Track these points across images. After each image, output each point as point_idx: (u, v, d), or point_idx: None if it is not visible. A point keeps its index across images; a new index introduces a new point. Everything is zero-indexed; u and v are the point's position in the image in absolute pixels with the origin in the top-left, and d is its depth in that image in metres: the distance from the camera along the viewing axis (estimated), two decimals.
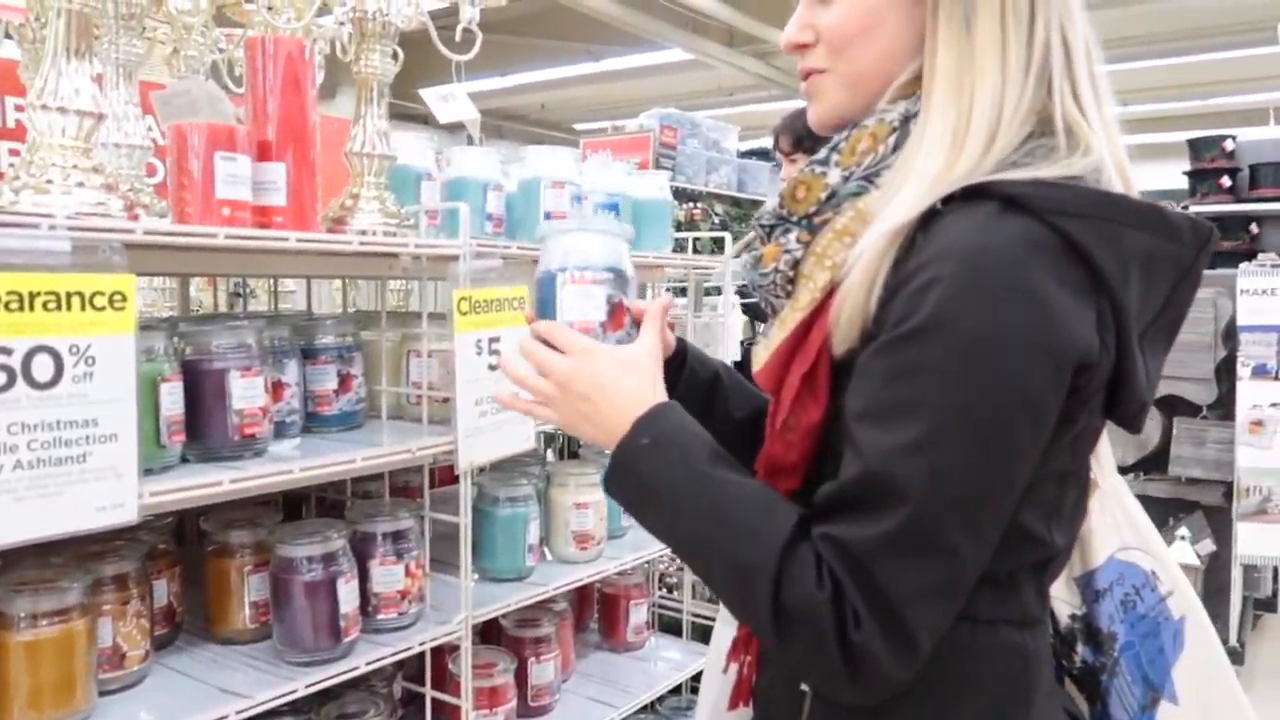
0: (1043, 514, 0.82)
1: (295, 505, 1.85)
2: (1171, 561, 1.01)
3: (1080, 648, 1.02)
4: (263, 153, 1.43)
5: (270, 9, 1.50)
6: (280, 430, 1.53)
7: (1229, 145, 5.56)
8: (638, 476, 0.87)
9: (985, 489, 0.73)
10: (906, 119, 0.84)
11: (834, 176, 0.87)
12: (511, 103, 12.59)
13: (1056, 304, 0.72)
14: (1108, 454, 1.01)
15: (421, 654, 1.64)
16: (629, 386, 0.90)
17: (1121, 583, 1.00)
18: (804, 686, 0.88)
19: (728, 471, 0.84)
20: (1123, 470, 3.80)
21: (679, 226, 4.72)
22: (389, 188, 1.59)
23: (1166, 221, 0.78)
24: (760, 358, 0.92)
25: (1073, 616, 1.03)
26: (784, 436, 0.87)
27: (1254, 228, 5.57)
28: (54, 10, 1.19)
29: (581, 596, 2.18)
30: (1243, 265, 3.67)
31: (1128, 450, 3.81)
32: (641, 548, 2.11)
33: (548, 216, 1.79)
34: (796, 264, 0.88)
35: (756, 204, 5.70)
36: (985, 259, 0.72)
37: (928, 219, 0.77)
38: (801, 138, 2.66)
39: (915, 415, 0.73)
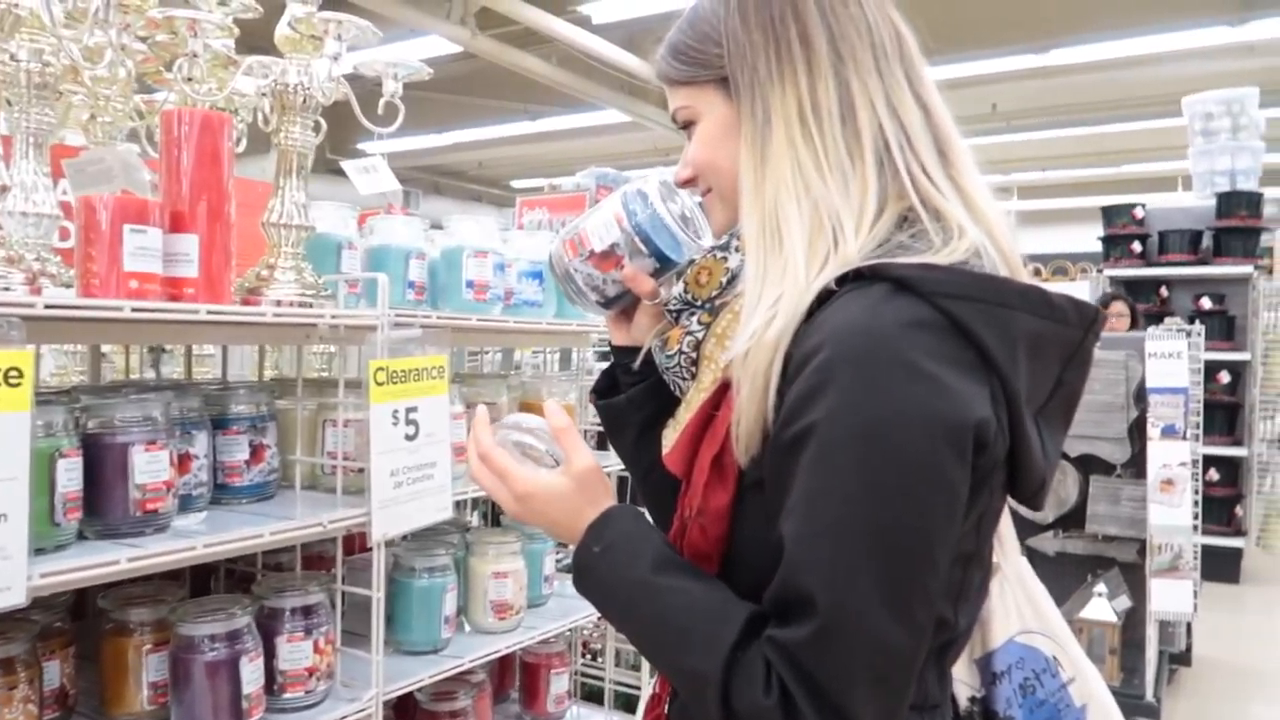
0: (948, 596, 0.81)
1: (204, 578, 1.79)
2: (1075, 647, 1.01)
3: None
4: (176, 224, 1.42)
5: (189, 80, 1.49)
6: (186, 504, 1.49)
7: (1139, 213, 5.81)
8: (594, 582, 0.89)
9: (903, 572, 0.73)
10: None
11: (734, 261, 0.93)
12: (449, 160, 12.67)
13: (947, 381, 0.73)
14: (1010, 535, 1.02)
15: None
16: (567, 508, 0.92)
17: (1021, 666, 1.00)
18: None
19: (677, 575, 0.84)
20: (1043, 527, 3.88)
21: None
22: (306, 258, 1.58)
23: (1051, 305, 0.80)
24: (669, 440, 0.93)
25: (971, 699, 1.03)
26: (698, 521, 0.87)
27: (1164, 291, 5.81)
28: None
29: (502, 665, 2.14)
30: (1150, 329, 3.81)
31: (1048, 507, 3.90)
32: (564, 616, 2.09)
33: (470, 285, 1.79)
34: (699, 345, 0.90)
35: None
36: (874, 340, 0.73)
37: (821, 300, 0.79)
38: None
39: (823, 508, 0.74)
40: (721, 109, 0.91)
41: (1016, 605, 1.01)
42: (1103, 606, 3.56)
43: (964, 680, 1.02)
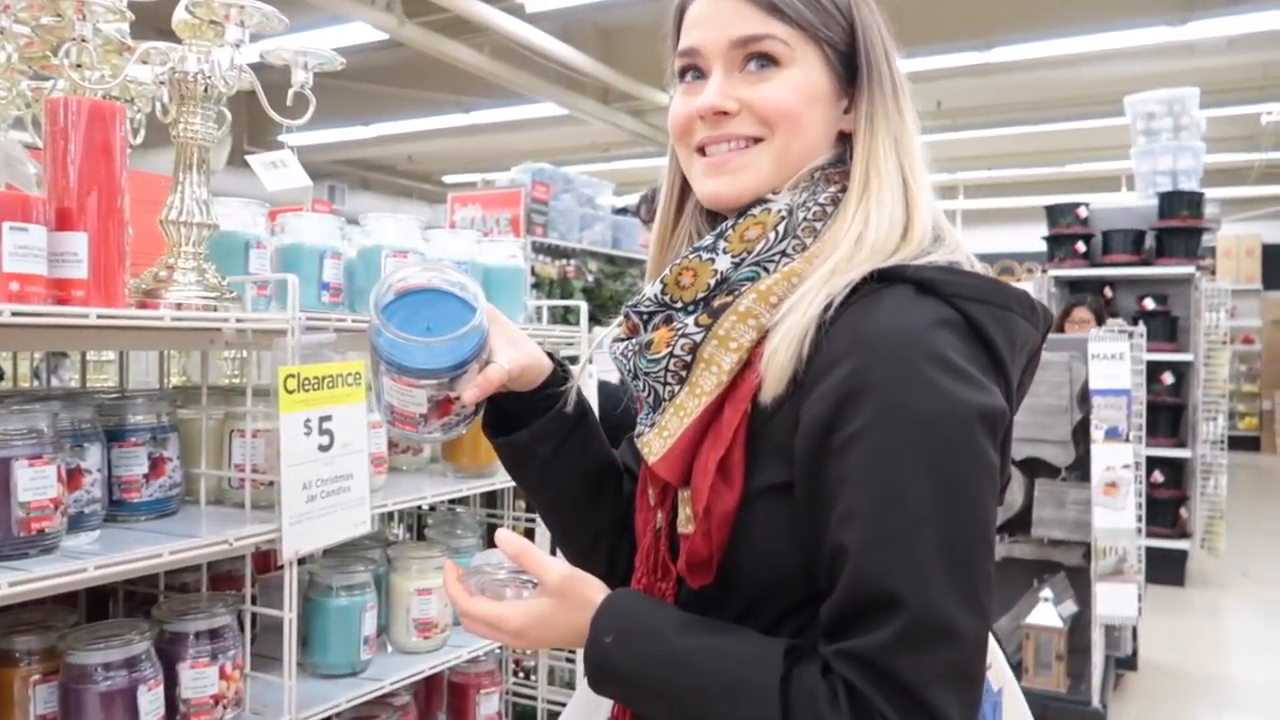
0: None
1: (103, 600, 1.68)
2: (999, 660, 1.00)
3: None
4: (63, 221, 1.31)
5: (79, 66, 1.39)
6: (77, 522, 1.39)
7: (1083, 212, 5.85)
8: (617, 675, 0.85)
9: (972, 561, 0.75)
10: (792, 210, 0.89)
11: (723, 263, 0.89)
12: (378, 153, 12.40)
13: (977, 376, 0.77)
14: None
15: None
16: (563, 620, 0.88)
17: None
18: None
19: (701, 636, 0.82)
20: None
21: (551, 285, 4.68)
22: (210, 258, 1.48)
23: (1034, 309, 0.85)
24: (656, 447, 0.88)
25: None
26: (702, 526, 0.85)
27: (1108, 291, 5.86)
28: None
29: (429, 687, 2.05)
30: (1093, 330, 3.81)
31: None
32: None
33: None
34: (695, 348, 0.86)
35: (632, 261, 5.71)
36: (908, 340, 0.76)
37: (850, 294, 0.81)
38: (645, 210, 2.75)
39: (893, 509, 0.75)
40: (820, 73, 0.91)
41: None
42: (1049, 612, 3.55)
43: None
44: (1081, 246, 5.79)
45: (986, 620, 0.76)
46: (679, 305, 0.90)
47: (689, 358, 0.87)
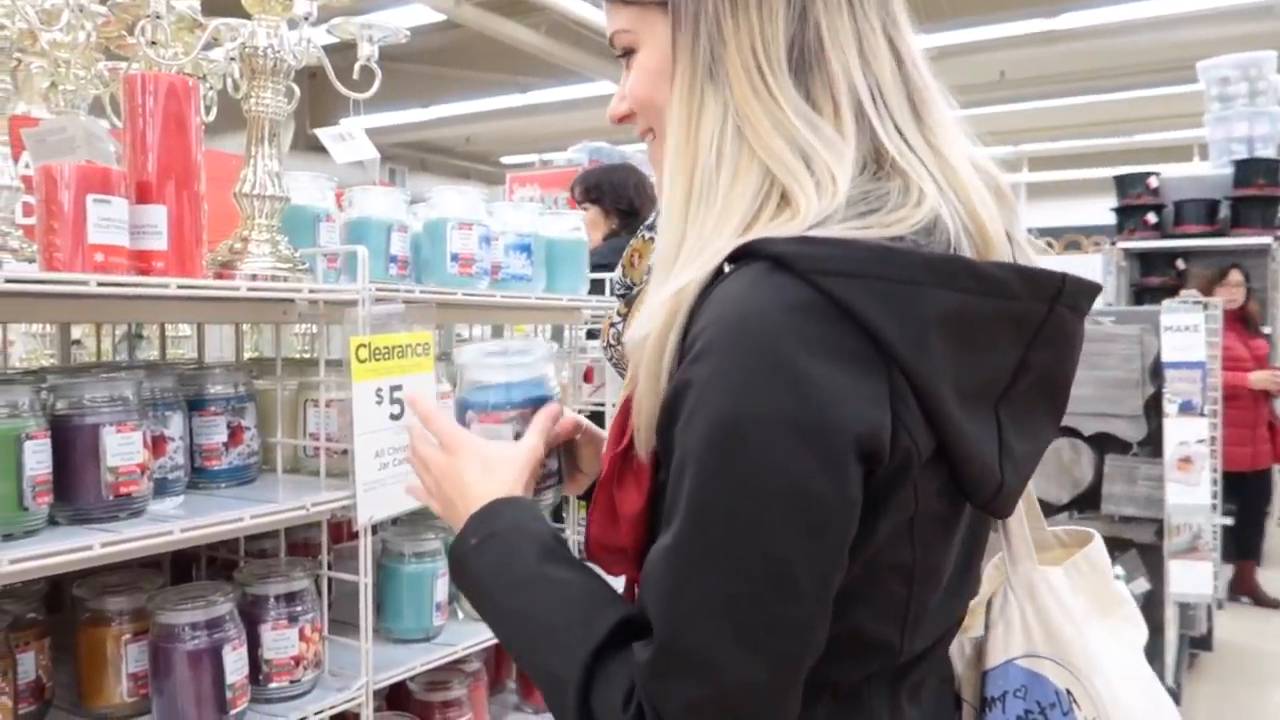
0: (887, 615, 0.73)
1: (185, 566, 1.74)
2: (1103, 682, 0.82)
3: None
4: (142, 194, 1.35)
5: (154, 44, 1.42)
6: (162, 488, 1.44)
7: (1153, 182, 5.69)
8: (468, 577, 0.83)
9: (753, 597, 0.64)
10: None
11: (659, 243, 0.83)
12: (436, 135, 12.48)
13: (819, 378, 0.63)
14: (1021, 540, 0.88)
15: None
16: (483, 490, 0.86)
17: (1023, 695, 0.84)
18: None
19: (554, 570, 0.78)
20: (1057, 509, 3.80)
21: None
22: (282, 230, 1.51)
23: (978, 276, 0.68)
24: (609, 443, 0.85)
25: None
26: (621, 526, 0.80)
27: (1180, 263, 5.70)
28: None
29: (499, 654, 2.08)
30: (1165, 302, 3.71)
31: (1061, 488, 3.82)
32: None
33: (454, 259, 1.72)
34: (620, 337, 0.83)
35: None
36: (740, 330, 0.65)
37: (714, 279, 0.70)
38: (589, 188, 2.83)
39: (674, 522, 0.67)
40: (665, 39, 0.79)
41: (1023, 622, 0.85)
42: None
43: (969, 702, 0.89)
44: (1152, 218, 5.64)
45: (779, 665, 0.66)
46: (634, 287, 0.87)
47: (621, 346, 0.84)
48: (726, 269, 0.70)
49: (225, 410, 1.55)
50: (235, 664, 1.43)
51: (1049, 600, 0.85)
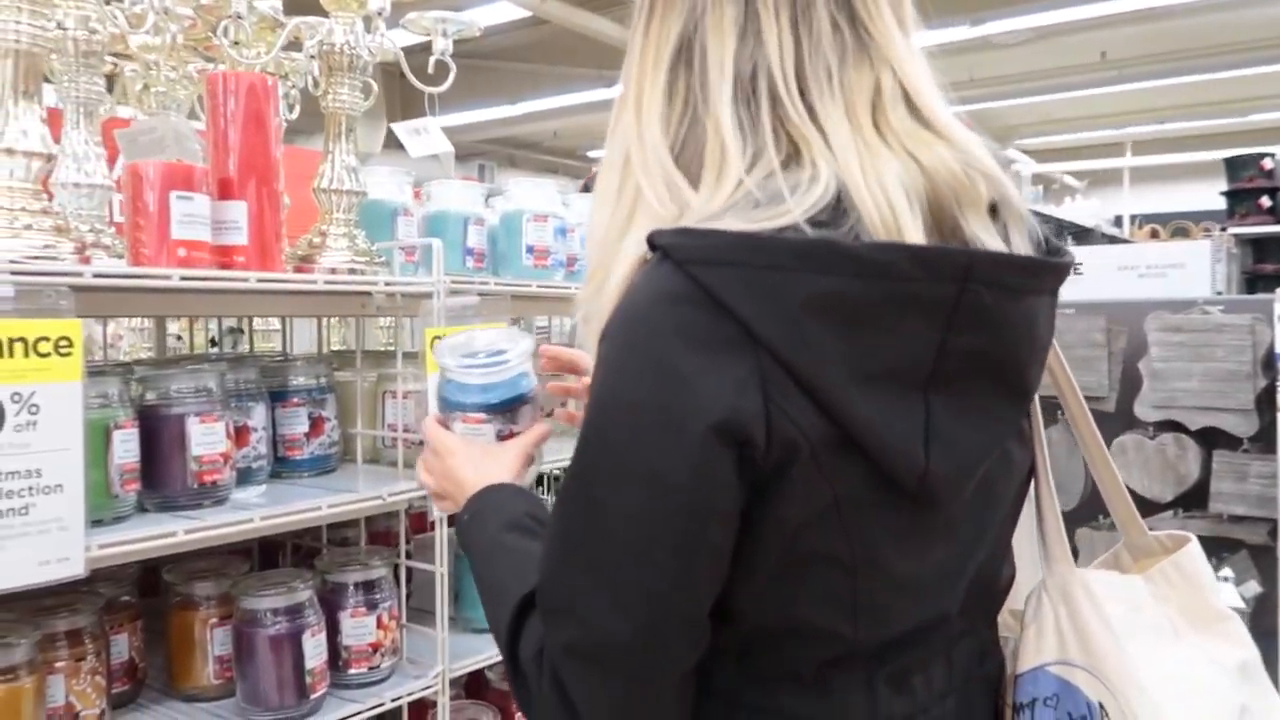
0: (830, 605, 0.71)
1: (271, 553, 1.79)
2: (1142, 702, 0.75)
3: None
4: (224, 190, 1.39)
5: (236, 44, 1.46)
6: (245, 477, 1.48)
7: (1268, 164, 5.40)
8: (464, 548, 0.91)
9: (608, 562, 0.69)
10: None
11: None
12: (523, 131, 12.58)
13: (681, 364, 0.64)
14: (1057, 542, 0.84)
15: (396, 710, 1.56)
16: (476, 479, 0.93)
17: (1053, 705, 0.79)
18: None
19: (512, 539, 0.84)
20: (1160, 507, 3.64)
21: None
22: (359, 224, 1.53)
23: (856, 260, 0.65)
24: None
25: None
26: None
27: None
28: (0, 51, 1.16)
29: None
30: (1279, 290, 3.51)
31: (1165, 485, 3.66)
32: None
33: (530, 251, 1.73)
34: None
35: None
36: (625, 316, 0.68)
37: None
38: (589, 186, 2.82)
39: (558, 498, 0.74)
40: None
41: (1056, 627, 0.81)
42: (1230, 592, 3.31)
43: (1009, 704, 0.84)
44: (1266, 201, 5.34)
45: (646, 632, 0.69)
46: None
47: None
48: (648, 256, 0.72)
49: (306, 401, 1.58)
50: (314, 649, 1.46)
51: (1084, 606, 0.80)
